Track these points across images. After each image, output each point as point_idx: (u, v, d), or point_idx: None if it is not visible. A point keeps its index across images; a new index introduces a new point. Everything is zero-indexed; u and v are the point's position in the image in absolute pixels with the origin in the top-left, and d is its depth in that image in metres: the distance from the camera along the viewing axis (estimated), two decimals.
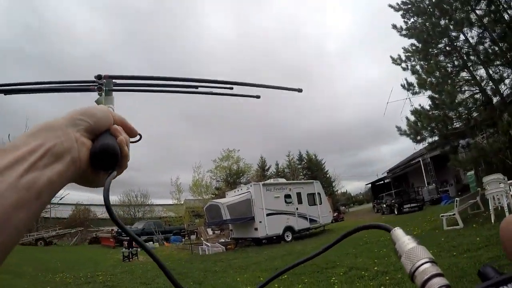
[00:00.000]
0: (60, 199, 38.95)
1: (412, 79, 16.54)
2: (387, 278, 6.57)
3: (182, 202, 45.12)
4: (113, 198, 49.96)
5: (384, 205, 30.71)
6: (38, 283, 10.73)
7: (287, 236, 19.01)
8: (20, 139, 0.46)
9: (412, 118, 16.35)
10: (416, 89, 16.29)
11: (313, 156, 57.41)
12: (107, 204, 0.53)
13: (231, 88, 1.50)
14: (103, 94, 1.16)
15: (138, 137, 0.70)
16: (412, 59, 16.88)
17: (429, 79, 15.63)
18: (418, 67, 16.47)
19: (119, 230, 29.14)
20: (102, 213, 47.24)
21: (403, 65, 16.93)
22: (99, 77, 1.18)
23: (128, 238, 21.33)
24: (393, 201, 28.87)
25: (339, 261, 9.27)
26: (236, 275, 9.94)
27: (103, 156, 0.54)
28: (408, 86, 16.52)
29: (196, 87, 1.44)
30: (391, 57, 17.37)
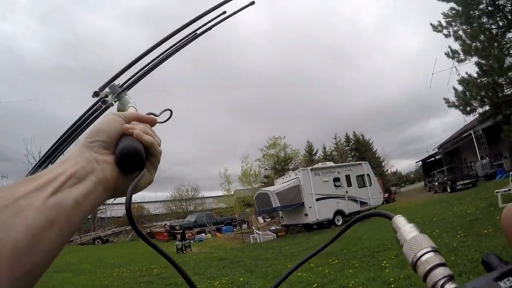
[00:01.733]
0: (114, 200, 40.47)
1: (456, 45, 15.54)
2: None
3: (232, 193, 45.79)
4: (165, 194, 51.59)
5: (436, 183, 29.53)
6: (96, 278, 11.23)
7: (338, 220, 18.76)
8: (46, 170, 0.47)
9: (459, 88, 15.46)
10: (461, 56, 15.27)
11: (360, 137, 56.14)
12: (127, 208, 0.52)
13: (225, 12, 1.39)
14: (114, 103, 1.11)
15: (168, 113, 0.72)
16: (453, 24, 15.79)
17: (473, 44, 14.58)
18: (460, 32, 15.43)
19: (172, 224, 30.00)
20: (155, 209, 48.96)
21: (445, 31, 15.92)
22: (96, 94, 1.12)
23: (181, 231, 21.90)
24: (445, 178, 27.63)
25: (390, 244, 8.99)
26: (287, 262, 9.90)
27: (124, 161, 0.54)
28: (453, 54, 15.53)
29: (194, 31, 1.34)
30: (431, 24, 16.35)
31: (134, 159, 0.54)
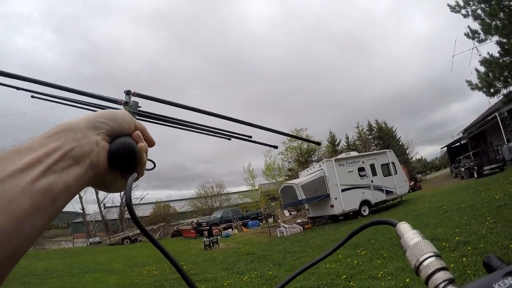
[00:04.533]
0: (141, 200, 41.46)
1: (476, 25, 14.96)
2: (469, 248, 6.17)
3: (257, 187, 45.90)
4: (190, 192, 52.24)
5: (462, 169, 28.74)
6: (127, 277, 11.50)
7: (364, 210, 18.59)
8: (37, 140, 0.44)
9: (482, 69, 14.96)
10: (482, 36, 14.73)
11: (383, 124, 55.43)
12: (128, 203, 0.52)
13: (250, 137, 1.51)
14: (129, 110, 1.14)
15: (152, 165, 0.71)
16: (471, 3, 15.23)
17: (493, 23, 14.07)
18: (479, 11, 14.80)
19: (199, 221, 30.32)
20: (181, 207, 49.61)
21: (463, 11, 15.31)
22: (128, 92, 1.16)
23: (207, 228, 22.13)
24: (471, 163, 26.76)
25: None
26: (315, 254, 9.91)
27: (122, 154, 0.53)
28: (473, 34, 14.99)
29: (216, 132, 1.42)
30: (448, 5, 15.88)
31: (131, 158, 0.54)
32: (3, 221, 0.35)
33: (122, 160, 0.53)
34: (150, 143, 0.63)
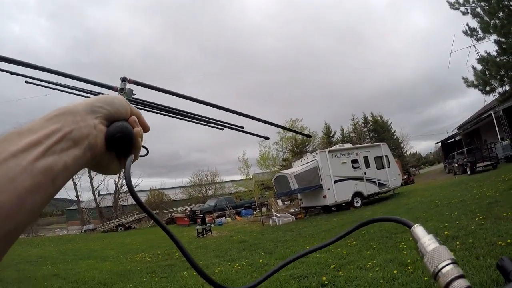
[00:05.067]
0: (135, 187, 41.34)
1: (474, 23, 14.84)
2: (457, 243, 6.29)
3: (251, 177, 45.94)
4: (185, 180, 52.34)
5: (456, 165, 29.04)
6: (120, 263, 11.62)
7: (356, 202, 18.77)
8: (37, 123, 0.46)
9: (479, 67, 14.95)
10: (480, 34, 14.62)
11: (379, 118, 55.42)
12: (129, 185, 0.55)
13: (242, 127, 1.51)
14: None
15: (145, 151, 0.73)
16: (471, 0, 15.18)
17: (492, 22, 14.02)
18: (478, 9, 14.70)
19: (192, 209, 30.41)
20: (175, 195, 49.72)
21: (462, 9, 15.16)
22: (124, 79, 1.18)
23: (201, 216, 22.22)
24: (465, 160, 27.10)
25: None
26: (306, 244, 10.04)
27: (119, 138, 0.55)
28: (471, 32, 14.90)
29: (208, 121, 1.44)
30: (447, 1, 15.82)
31: (127, 141, 0.56)
32: (6, 198, 0.37)
33: (119, 143, 0.55)
34: (145, 128, 0.65)
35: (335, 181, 18.53)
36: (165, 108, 1.35)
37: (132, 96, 1.20)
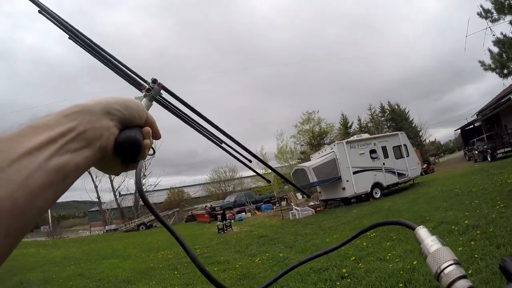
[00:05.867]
0: (155, 186, 42.00)
1: (488, 4, 14.37)
2: (478, 232, 6.21)
3: (270, 171, 45.77)
4: (204, 177, 52.72)
5: (476, 152, 28.14)
6: (142, 261, 11.83)
7: (376, 193, 18.58)
8: (54, 118, 0.46)
9: (495, 49, 14.52)
10: (495, 15, 14.27)
11: (396, 106, 54.81)
12: (140, 189, 0.55)
13: (250, 161, 1.56)
14: (146, 98, 1.18)
15: (152, 151, 0.72)
16: None
17: (506, 2, 13.59)
18: None
19: (212, 206, 30.59)
20: (195, 192, 50.08)
21: None
22: (154, 80, 1.21)
23: (221, 212, 22.36)
24: (485, 146, 26.20)
25: (428, 216, 8.95)
26: (326, 236, 10.04)
27: (127, 147, 0.56)
28: (485, 14, 14.45)
29: (221, 142, 1.48)
30: None
31: (135, 152, 0.57)
32: (20, 195, 0.37)
33: (126, 152, 0.56)
34: (157, 136, 0.65)
35: (354, 173, 18.38)
36: (184, 116, 1.38)
37: (159, 95, 1.24)
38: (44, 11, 1.26)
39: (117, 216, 45.54)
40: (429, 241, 0.57)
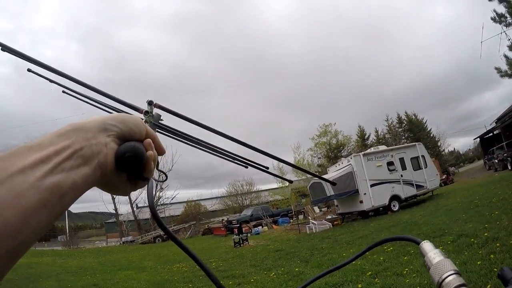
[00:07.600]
0: (172, 199, 42.21)
1: (501, 8, 14.18)
2: (497, 244, 6.03)
3: (287, 184, 45.74)
4: (221, 191, 52.88)
5: (496, 161, 27.64)
6: (157, 274, 11.85)
7: (394, 205, 18.25)
8: (48, 138, 0.45)
9: (511, 54, 14.38)
10: (509, 19, 14.05)
11: (413, 116, 54.19)
12: (152, 208, 0.58)
13: (267, 168, 1.53)
14: (147, 125, 1.16)
15: (164, 177, 0.73)
16: None
17: None
18: None
19: (229, 219, 30.57)
20: (212, 205, 50.20)
21: None
22: (150, 102, 1.18)
23: (237, 225, 22.30)
24: (505, 154, 25.67)
25: (447, 229, 8.76)
26: (342, 251, 9.91)
27: (128, 157, 0.53)
28: (499, 18, 14.27)
29: (234, 157, 1.44)
30: None
31: (137, 163, 0.54)
32: (11, 215, 0.36)
33: (128, 163, 0.53)
34: (160, 151, 0.62)
35: (371, 185, 18.14)
36: (190, 138, 1.35)
37: (160, 121, 1.21)
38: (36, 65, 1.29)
39: (134, 228, 45.79)
40: (432, 254, 0.61)
